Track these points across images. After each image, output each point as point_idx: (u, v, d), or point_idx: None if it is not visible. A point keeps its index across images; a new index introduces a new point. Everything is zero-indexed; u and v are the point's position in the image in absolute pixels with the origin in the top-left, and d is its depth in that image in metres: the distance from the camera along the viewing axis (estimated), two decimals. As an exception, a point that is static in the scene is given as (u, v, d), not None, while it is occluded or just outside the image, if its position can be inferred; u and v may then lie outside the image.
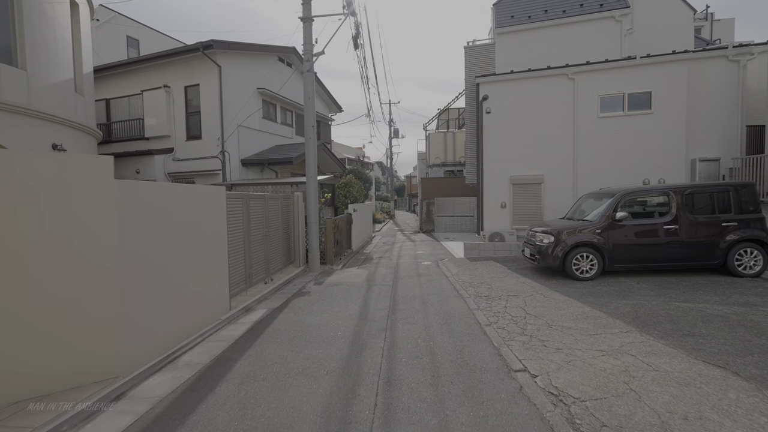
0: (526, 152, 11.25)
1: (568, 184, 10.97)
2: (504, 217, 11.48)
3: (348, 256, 12.24)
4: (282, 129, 14.96)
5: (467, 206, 19.48)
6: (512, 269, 9.01)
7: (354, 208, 13.95)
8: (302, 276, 9.31)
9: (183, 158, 12.41)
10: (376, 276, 9.14)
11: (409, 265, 10.59)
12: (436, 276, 8.97)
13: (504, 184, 11.46)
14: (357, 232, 14.25)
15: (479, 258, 10.76)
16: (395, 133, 32.63)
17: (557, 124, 11.01)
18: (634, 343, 4.41)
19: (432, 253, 12.73)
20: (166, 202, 4.65)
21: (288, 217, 9.72)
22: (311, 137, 9.83)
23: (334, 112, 18.74)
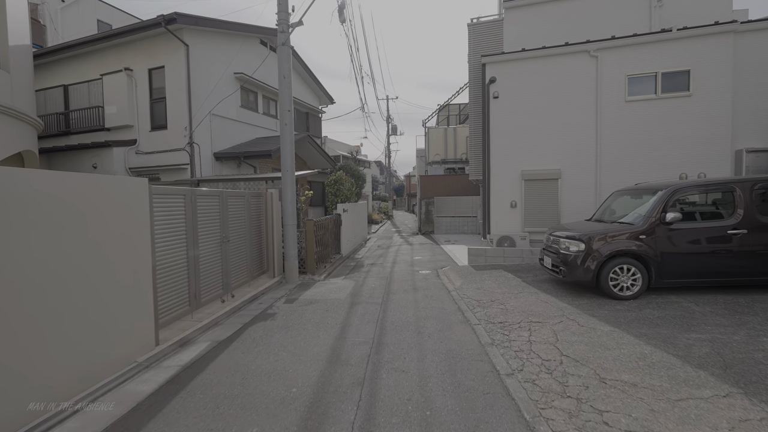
0: (540, 143, 9.58)
1: (590, 180, 9.29)
2: (514, 218, 9.81)
3: (335, 262, 10.57)
4: (264, 120, 13.29)
5: (469, 206, 17.81)
6: (528, 282, 7.34)
7: (344, 208, 12.29)
8: (275, 290, 7.64)
9: (147, 151, 10.75)
10: (363, 290, 7.47)
11: (405, 274, 8.92)
12: (435, 290, 7.30)
13: (514, 181, 9.79)
14: (348, 235, 12.60)
15: (486, 266, 9.09)
16: (393, 130, 30.96)
17: (577, 109, 9.33)
18: (751, 421, 2.74)
19: (431, 259, 11.06)
20: (16, 196, 2.99)
21: (260, 219, 8.06)
22: (287, 123, 8.17)
23: (325, 104, 17.10)
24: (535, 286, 7.04)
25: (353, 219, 13.81)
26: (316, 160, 13.69)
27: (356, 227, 14.42)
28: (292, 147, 8.31)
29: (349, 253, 12.52)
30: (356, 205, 14.76)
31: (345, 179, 13.07)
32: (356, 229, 14.49)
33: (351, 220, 13.34)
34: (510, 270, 8.51)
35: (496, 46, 11.08)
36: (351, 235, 13.25)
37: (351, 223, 13.32)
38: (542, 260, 7.23)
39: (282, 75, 8.10)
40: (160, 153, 10.61)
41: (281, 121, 8.21)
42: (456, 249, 12.75)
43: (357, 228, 14.65)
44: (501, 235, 9.58)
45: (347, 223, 12.64)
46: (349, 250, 12.88)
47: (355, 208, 14.42)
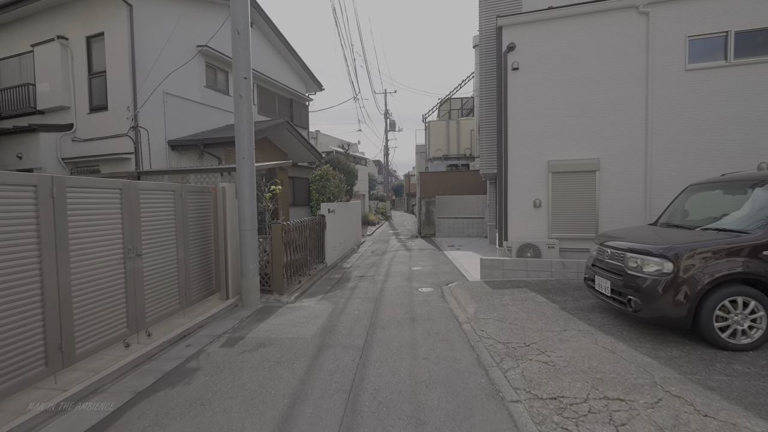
0: (572, 126, 7.45)
1: (637, 172, 7.16)
2: (538, 220, 7.67)
3: (315, 275, 8.44)
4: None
5: (475, 206, 15.67)
6: (569, 310, 5.21)
7: (330, 208, 10.16)
8: (220, 319, 5.50)
9: (85, 138, 8.62)
10: (342, 320, 5.33)
11: (400, 294, 6.79)
12: (441, 321, 5.16)
13: (538, 174, 7.65)
14: (335, 240, 10.47)
15: (505, 283, 6.96)
16: (391, 126, 28.84)
17: (620, 82, 7.20)
18: None
19: (433, 270, 8.92)
20: None
21: (204, 223, 5.93)
22: (243, 95, 6.05)
23: (313, 91, 15.01)
24: (581, 317, 4.90)
25: (342, 221, 11.68)
26: (299, 153, 11.58)
27: (347, 230, 12.29)
28: (251, 127, 6.17)
29: (336, 262, 10.38)
30: (346, 205, 12.62)
31: (332, 174, 10.96)
32: (347, 232, 12.37)
33: (339, 222, 11.21)
34: (538, 289, 6.37)
35: (513, 7, 8.93)
36: (339, 240, 11.12)
37: (339, 226, 11.19)
38: (591, 281, 5.08)
39: (236, 29, 5.98)
40: (100, 140, 8.48)
41: (235, 92, 6.08)
42: (462, 257, 10.61)
43: (348, 231, 12.53)
44: (522, 243, 7.44)
45: (334, 226, 10.51)
46: (337, 257, 10.76)
47: (345, 208, 12.28)
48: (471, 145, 19.25)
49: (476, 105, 17.40)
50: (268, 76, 12.04)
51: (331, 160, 11.86)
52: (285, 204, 11.43)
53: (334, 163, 11.79)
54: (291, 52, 13.32)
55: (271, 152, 10.67)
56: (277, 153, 11.02)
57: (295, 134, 10.52)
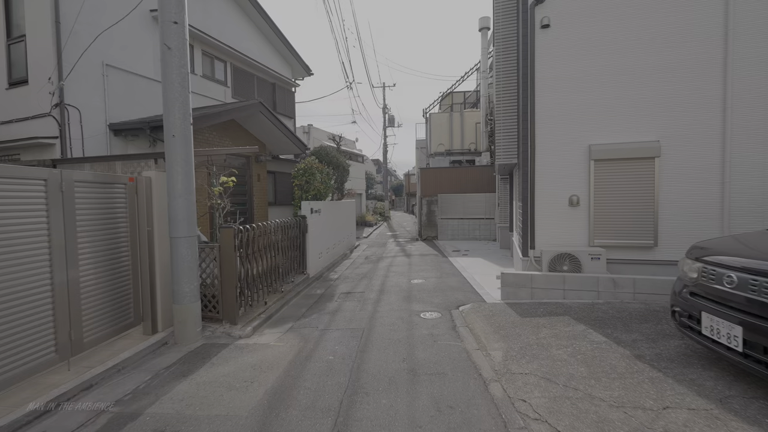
0: (621, 99, 5.60)
1: (712, 157, 5.32)
2: (576, 223, 5.82)
3: (290, 291, 6.60)
4: (206, 86, 9.30)
5: (482, 205, 13.82)
6: (651, 360, 3.37)
7: (313, 207, 8.33)
8: (128, 372, 3.66)
9: (2, 120, 6.78)
10: (306, 376, 3.50)
11: (395, 323, 4.94)
12: (456, 381, 3.32)
13: (576, 162, 5.81)
14: (320, 245, 8.64)
15: (536, 307, 5.10)
16: (390, 122, 26.98)
17: (687, 40, 5.36)
18: None
19: (438, 283, 7.07)
20: None
21: (116, 228, 4.09)
22: (174, 47, 4.20)
23: (300, 76, 13.18)
24: (678, 377, 3.07)
25: (331, 222, 9.84)
26: (280, 144, 9.75)
27: (336, 233, 10.45)
28: (185, 94, 4.32)
29: (321, 271, 8.54)
30: (336, 204, 10.78)
31: (318, 168, 9.14)
32: (337, 236, 10.53)
33: (326, 224, 9.37)
34: (587, 319, 4.52)
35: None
36: (326, 245, 9.29)
37: (326, 229, 9.35)
38: (690, 318, 3.23)
39: (160, -48, 4.13)
40: (19, 122, 6.64)
41: (162, 42, 4.23)
42: (471, 265, 8.76)
43: (338, 234, 10.69)
44: (557, 253, 5.58)
45: (319, 229, 8.67)
46: (323, 265, 8.92)
47: (335, 208, 10.44)
48: (476, 139, 17.41)
49: (481, 91, 15.51)
50: (246, 55, 10.20)
51: (317, 153, 10.05)
52: (263, 203, 9.60)
53: (321, 156, 9.98)
54: (274, 30, 11.47)
55: (244, 141, 8.85)
56: (251, 143, 9.20)
57: (273, 120, 8.69)
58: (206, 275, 4.92)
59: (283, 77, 11.73)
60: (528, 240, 6.01)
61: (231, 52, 9.74)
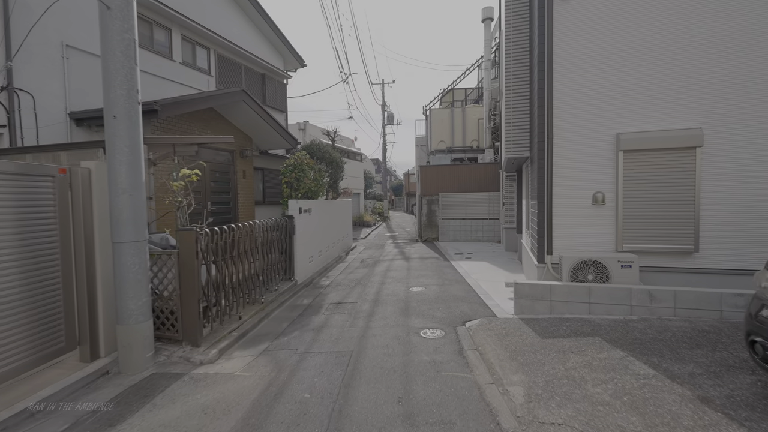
0: (655, 80, 4.76)
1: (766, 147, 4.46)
2: (601, 224, 4.97)
3: (273, 301, 5.77)
4: (186, 74, 8.44)
5: (485, 205, 12.98)
6: (725, 406, 2.52)
7: (302, 206, 7.50)
8: (43, 419, 2.81)
9: (-52, 107, 5.93)
10: (267, 427, 2.64)
11: (390, 345, 4.09)
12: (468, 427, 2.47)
13: (601, 154, 4.96)
14: (311, 249, 7.82)
15: (558, 324, 4.26)
16: (389, 119, 26.15)
17: (743, 6, 4.50)
18: None
19: (440, 292, 6.22)
20: None
21: (41, 230, 3.24)
22: (111, 5, 3.36)
23: (293, 68, 12.33)
24: (777, 440, 2.21)
25: (324, 223, 9.01)
26: (269, 138, 8.91)
27: (330, 235, 9.62)
28: (130, 66, 3.48)
29: (311, 277, 7.70)
30: (330, 204, 9.94)
31: (308, 164, 8.30)
32: (331, 238, 9.69)
33: (319, 225, 8.54)
34: (623, 342, 3.67)
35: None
36: (318, 248, 8.45)
37: (319, 230, 8.52)
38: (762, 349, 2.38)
39: None
40: (-35, 109, 5.79)
41: (99, 1, 3.39)
42: (476, 270, 7.91)
43: (332, 236, 9.85)
44: (580, 259, 4.73)
45: (309, 231, 7.84)
46: (314, 270, 8.08)
47: (328, 207, 9.60)
48: (479, 135, 16.57)
49: (483, 85, 14.58)
50: (232, 42, 9.35)
51: (309, 148, 9.21)
52: (249, 202, 8.76)
53: (313, 152, 9.14)
54: (264, 18, 10.62)
55: (227, 133, 8.02)
56: (236, 136, 8.35)
57: (259, 111, 7.84)
58: (164, 287, 4.07)
59: (274, 68, 10.88)
60: (544, 244, 5.16)
61: (215, 38, 8.89)
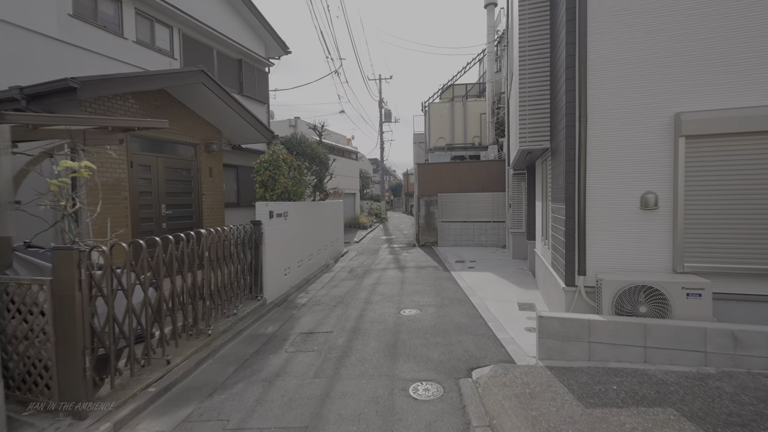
0: (731, 40, 3.44)
1: None
2: (651, 236, 3.68)
3: (222, 333, 4.48)
4: (142, 55, 7.12)
5: (489, 206, 11.68)
6: None
7: (275, 210, 6.26)
8: None
9: None
10: None
11: (363, 415, 2.80)
12: None
13: (652, 140, 3.67)
14: (286, 259, 6.56)
15: (603, 379, 2.96)
16: (387, 116, 24.84)
17: None
18: None
19: (438, 319, 4.92)
20: None
21: None
22: None
23: (275, 55, 11.02)
24: None
25: (307, 228, 7.73)
26: (240, 131, 7.61)
27: (315, 241, 8.34)
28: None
29: (287, 292, 6.42)
30: (315, 206, 8.66)
31: (286, 160, 7.02)
32: (316, 244, 8.42)
33: (300, 230, 7.26)
34: (713, 418, 2.37)
35: None
36: (298, 257, 7.17)
37: (299, 237, 7.24)
38: None
39: None
40: None
41: None
42: (481, 283, 6.60)
43: (318, 241, 8.57)
44: (628, 283, 3.42)
45: (286, 238, 6.56)
46: (291, 284, 6.80)
47: (313, 210, 8.32)
48: (481, 131, 15.28)
49: (487, 76, 13.16)
50: (201, 21, 8.05)
51: (288, 142, 7.94)
52: (217, 204, 7.47)
53: (293, 146, 7.86)
54: None
55: (189, 125, 6.73)
56: (200, 126, 7.07)
57: (223, 95, 6.54)
58: (26, 330, 2.78)
59: (253, 53, 9.58)
60: (574, 261, 3.85)
61: (179, 15, 7.60)
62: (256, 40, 10.15)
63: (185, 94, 6.50)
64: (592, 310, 3.74)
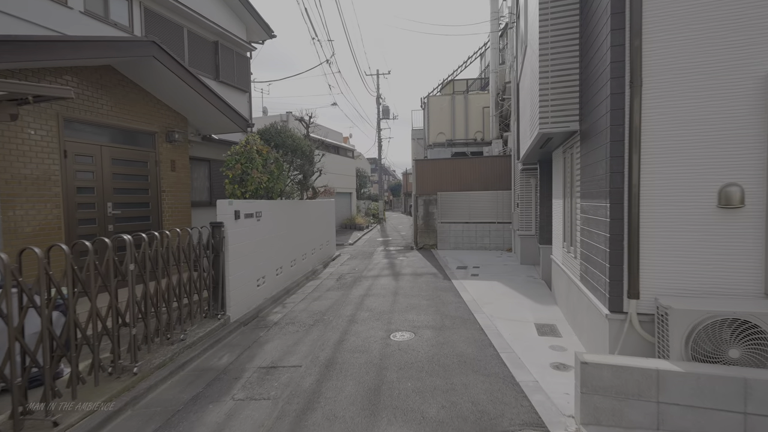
0: None
1: None
2: (734, 244, 2.62)
3: (157, 368, 3.42)
4: (91, 28, 5.98)
5: (492, 206, 10.62)
6: None
7: (244, 209, 5.23)
8: None
9: None
10: None
11: None
12: None
13: (733, 113, 2.61)
14: (260, 268, 5.53)
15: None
16: (385, 113, 23.78)
17: None
18: None
19: (436, 348, 3.85)
20: None
21: None
22: None
23: (258, 39, 9.93)
24: None
25: (288, 231, 6.68)
26: (208, 117, 6.53)
27: (298, 245, 7.30)
28: None
29: (258, 307, 5.36)
30: (298, 205, 7.62)
31: (261, 151, 5.96)
32: (300, 248, 7.38)
33: (276, 233, 6.22)
34: None
35: None
36: (277, 264, 6.12)
37: (276, 241, 6.19)
38: None
39: None
40: None
41: None
42: (489, 296, 5.52)
43: (303, 245, 7.54)
44: (709, 316, 2.34)
45: (256, 242, 5.51)
46: (266, 296, 5.75)
47: (295, 210, 7.28)
48: (483, 126, 14.21)
49: (491, 66, 11.89)
50: (168, -5, 6.98)
51: (266, 132, 6.87)
52: (181, 203, 6.42)
53: (272, 136, 6.78)
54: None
55: (146, 109, 5.67)
56: (159, 112, 6.00)
57: (182, 74, 5.46)
58: None
59: (231, 35, 8.51)
60: (623, 277, 2.79)
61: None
62: (236, 21, 9.07)
63: (138, 72, 5.44)
64: (649, 349, 2.68)
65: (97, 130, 5.12)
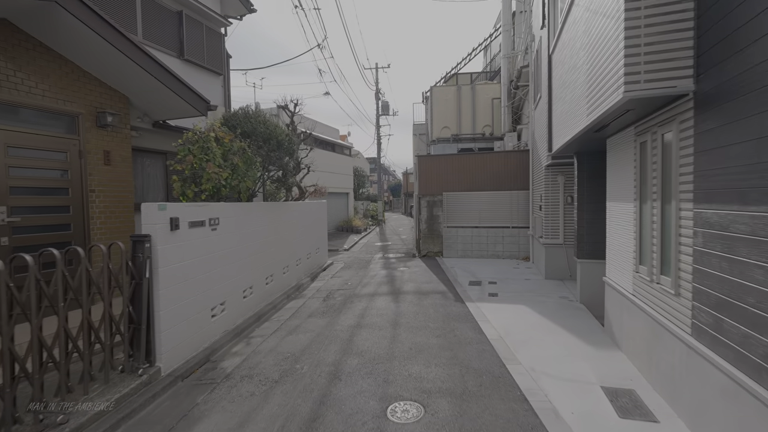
0: None
1: None
2: None
3: None
4: None
5: (507, 208, 9.15)
6: None
7: (192, 217, 3.73)
8: None
9: None
10: None
11: None
12: None
13: None
14: (214, 293, 4.05)
15: None
16: (384, 109, 22.28)
17: None
18: None
19: (463, 440, 2.37)
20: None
21: None
22: None
23: (236, 14, 8.45)
24: None
25: (260, 241, 5.23)
26: (157, 97, 5.02)
27: (274, 258, 5.84)
28: None
29: (212, 346, 3.89)
30: (275, 207, 6.15)
31: (221, 139, 4.51)
32: (279, 262, 5.94)
33: (244, 245, 4.76)
34: None
35: None
36: (240, 285, 4.66)
37: (241, 255, 4.73)
38: None
39: None
40: None
41: None
42: (522, 334, 4.04)
43: (282, 258, 6.09)
44: None
45: (208, 261, 4.04)
46: (226, 328, 4.27)
47: (269, 214, 5.82)
48: (492, 120, 12.73)
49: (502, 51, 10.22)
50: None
51: (232, 117, 5.40)
52: (122, 207, 4.92)
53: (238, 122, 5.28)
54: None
55: (60, 80, 4.20)
56: (86, 86, 4.53)
57: (104, 30, 3.99)
58: None
59: (200, 5, 7.00)
60: None
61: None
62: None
63: (48, 29, 3.96)
64: None
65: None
